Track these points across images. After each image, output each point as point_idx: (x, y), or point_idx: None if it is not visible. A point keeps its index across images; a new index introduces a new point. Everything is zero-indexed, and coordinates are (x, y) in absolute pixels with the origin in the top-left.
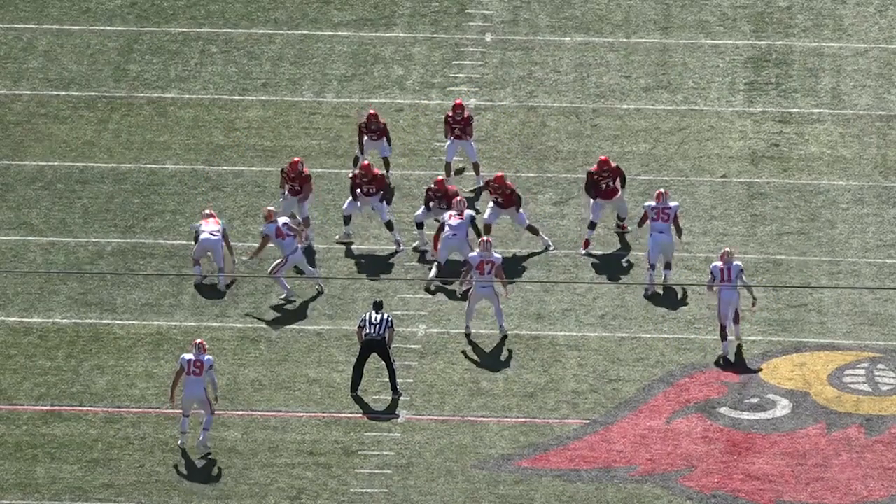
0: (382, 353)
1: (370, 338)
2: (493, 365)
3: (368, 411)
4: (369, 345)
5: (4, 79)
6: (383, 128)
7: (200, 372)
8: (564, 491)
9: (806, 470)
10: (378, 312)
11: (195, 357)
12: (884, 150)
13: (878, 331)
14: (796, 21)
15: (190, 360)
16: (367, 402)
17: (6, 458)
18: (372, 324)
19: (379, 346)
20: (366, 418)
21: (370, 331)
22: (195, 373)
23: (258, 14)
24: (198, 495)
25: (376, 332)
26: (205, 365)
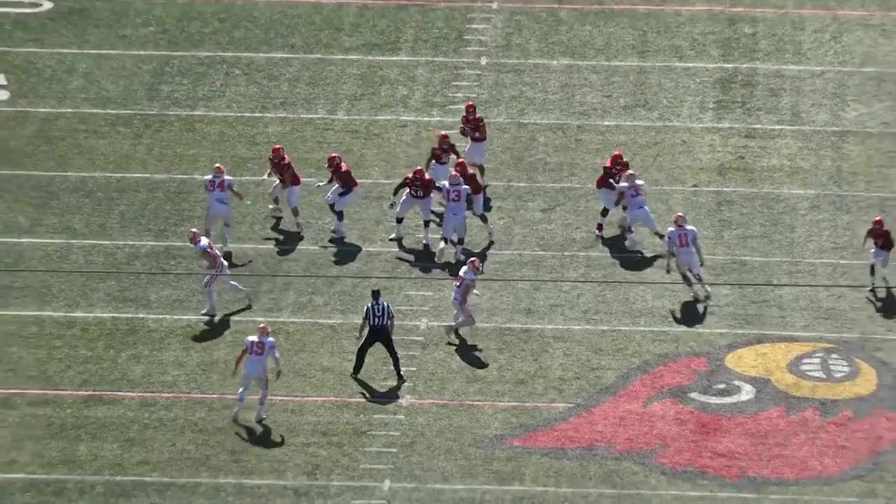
0: (386, 341)
1: (376, 326)
2: (488, 355)
3: (376, 396)
4: (375, 332)
5: (49, 98)
6: (452, 147)
7: (262, 352)
8: (552, 467)
9: (767, 448)
10: (377, 301)
11: (258, 339)
12: (838, 162)
13: (832, 324)
14: (760, 46)
15: (253, 341)
16: (374, 388)
17: (53, 437)
18: (376, 315)
19: (383, 334)
20: (374, 402)
21: (375, 322)
22: (256, 353)
23: (277, 40)
24: (223, 471)
25: (380, 322)
26: (266, 346)
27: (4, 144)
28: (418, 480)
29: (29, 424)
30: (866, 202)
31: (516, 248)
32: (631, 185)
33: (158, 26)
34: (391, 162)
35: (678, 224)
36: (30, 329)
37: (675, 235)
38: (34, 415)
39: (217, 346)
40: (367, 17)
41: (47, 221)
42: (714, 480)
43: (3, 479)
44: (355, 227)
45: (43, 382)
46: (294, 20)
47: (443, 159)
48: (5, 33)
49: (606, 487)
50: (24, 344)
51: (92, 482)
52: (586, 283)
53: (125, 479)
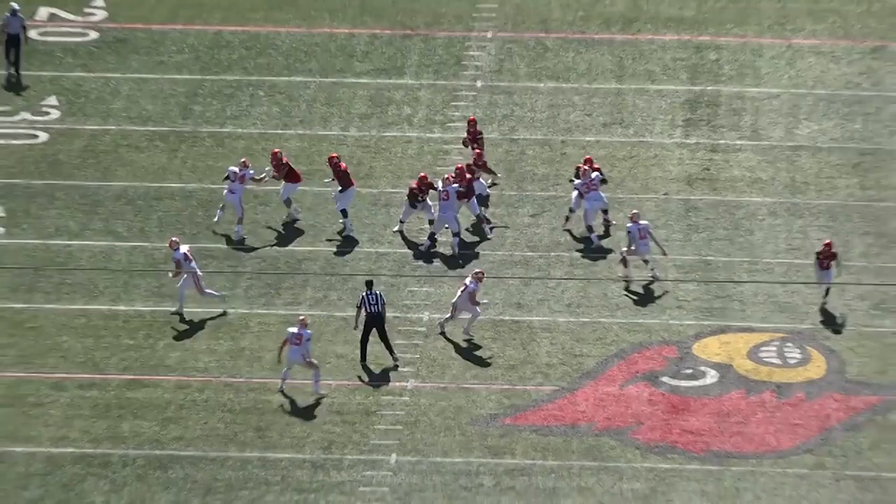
0: (380, 326)
1: (371, 313)
2: (483, 343)
3: (384, 380)
4: (371, 319)
5: (95, 117)
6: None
7: (300, 343)
8: (539, 442)
9: (729, 426)
10: (371, 290)
11: (297, 330)
12: (792, 173)
13: (787, 316)
14: (723, 71)
15: (293, 332)
16: (382, 373)
17: (99, 416)
18: (371, 303)
19: (378, 320)
20: (382, 386)
21: (370, 309)
22: (295, 343)
23: (296, 65)
24: (249, 446)
25: (375, 309)
26: (303, 337)
27: (56, 158)
28: (421, 454)
29: (78, 405)
30: (817, 209)
31: (508, 250)
32: (584, 181)
33: (192, 53)
34: (397, 173)
35: (634, 220)
36: (78, 321)
37: (635, 230)
38: (82, 396)
39: (243, 336)
40: (376, 46)
41: (94, 226)
42: (682, 454)
43: (56, 452)
44: (365, 231)
45: (90, 368)
46: (312, 48)
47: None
48: (56, 60)
49: (588, 460)
50: (74, 334)
51: (133, 455)
52: (570, 280)
53: (163, 453)
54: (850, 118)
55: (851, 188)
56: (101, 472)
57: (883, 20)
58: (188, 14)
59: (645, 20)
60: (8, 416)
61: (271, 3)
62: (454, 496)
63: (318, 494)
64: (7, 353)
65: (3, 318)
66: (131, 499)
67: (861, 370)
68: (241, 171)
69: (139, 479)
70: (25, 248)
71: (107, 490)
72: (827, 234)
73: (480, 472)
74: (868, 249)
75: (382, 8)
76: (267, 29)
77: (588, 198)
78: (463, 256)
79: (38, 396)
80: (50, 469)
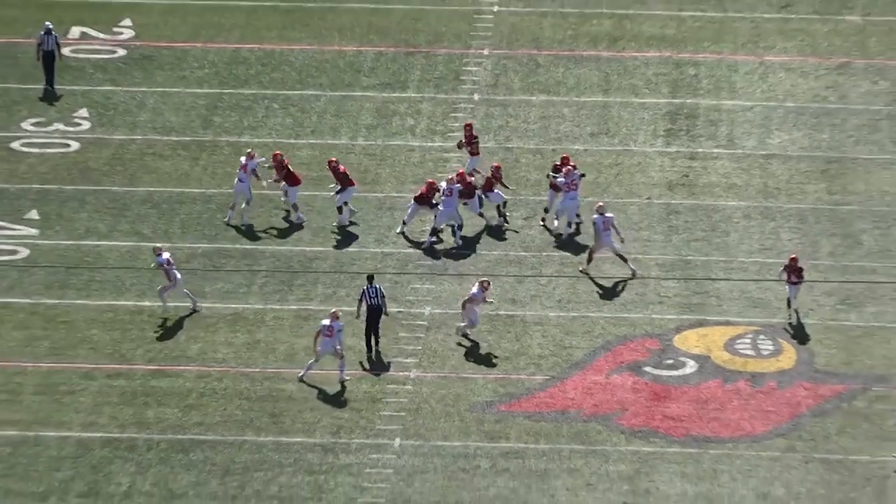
0: (377, 318)
1: (371, 306)
2: (480, 336)
3: (388, 370)
4: (372, 312)
5: (123, 128)
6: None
7: (331, 335)
8: (532, 427)
9: (707, 412)
10: (371, 284)
11: (330, 323)
12: (765, 179)
13: (760, 311)
14: (701, 85)
15: (325, 325)
16: (386, 363)
17: (126, 403)
18: (371, 297)
19: (377, 313)
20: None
21: (371, 302)
22: (327, 335)
23: (308, 80)
24: (264, 431)
25: (374, 302)
26: (335, 329)
27: (86, 165)
28: (423, 438)
29: (106, 393)
30: (787, 212)
31: (503, 250)
32: (567, 180)
33: (212, 69)
34: (401, 179)
35: (600, 213)
36: (107, 315)
37: (600, 222)
38: (110, 385)
39: (259, 329)
40: (382, 62)
41: (121, 228)
42: (664, 439)
43: (86, 437)
44: (371, 232)
45: (117, 359)
46: (322, 64)
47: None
48: (87, 75)
49: (576, 444)
50: (102, 327)
51: (158, 440)
52: (560, 278)
53: (184, 438)
54: (817, 129)
55: (819, 193)
56: (128, 455)
57: (847, 39)
58: (209, 33)
59: (629, 38)
60: (42, 403)
61: (285, 22)
62: (453, 477)
63: (327, 476)
64: (41, 345)
65: (38, 313)
66: (155, 480)
67: (828, 361)
68: (247, 162)
69: (162, 461)
70: (58, 249)
71: (132, 472)
72: (797, 236)
73: (478, 454)
74: (835, 249)
75: (387, 27)
76: (281, 47)
77: (567, 196)
78: (462, 256)
79: (69, 385)
80: (80, 452)
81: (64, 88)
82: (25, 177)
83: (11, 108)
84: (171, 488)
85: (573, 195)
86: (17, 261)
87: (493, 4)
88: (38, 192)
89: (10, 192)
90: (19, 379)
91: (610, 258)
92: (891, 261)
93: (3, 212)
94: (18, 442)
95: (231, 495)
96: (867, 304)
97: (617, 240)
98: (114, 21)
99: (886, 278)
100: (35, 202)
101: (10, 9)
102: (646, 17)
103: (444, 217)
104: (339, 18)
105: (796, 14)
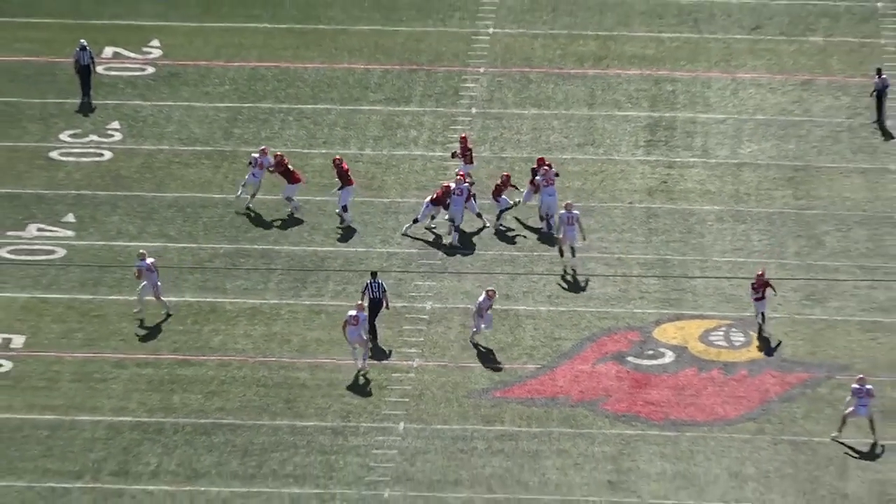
0: (377, 311)
1: (372, 299)
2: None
3: (393, 359)
4: (373, 304)
5: (151, 138)
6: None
7: (357, 324)
8: (524, 412)
9: (684, 398)
10: (375, 279)
11: (356, 313)
12: (736, 186)
13: (733, 306)
14: (678, 100)
15: (352, 315)
16: (391, 354)
17: (154, 390)
18: (374, 291)
19: (378, 306)
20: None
21: (373, 295)
22: (353, 324)
23: (320, 95)
24: (280, 415)
25: (376, 296)
26: (360, 319)
27: (118, 173)
28: (425, 422)
29: (136, 380)
30: (757, 215)
31: (498, 250)
32: (544, 176)
33: (232, 85)
34: (405, 185)
35: (567, 209)
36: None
37: (565, 217)
38: (139, 373)
39: (275, 323)
40: (388, 79)
41: (150, 230)
42: (645, 422)
43: (117, 421)
44: (378, 234)
45: (146, 349)
46: (333, 80)
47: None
48: (119, 91)
49: (565, 427)
50: (132, 321)
51: (183, 423)
52: (550, 276)
53: (207, 421)
54: (784, 139)
55: (786, 198)
56: (155, 437)
57: (811, 58)
58: (229, 52)
59: (612, 58)
60: (77, 389)
61: (299, 43)
62: (452, 458)
63: (338, 456)
64: (77, 337)
65: (74, 307)
66: (180, 460)
67: (794, 351)
68: (260, 159)
69: (187, 443)
70: (92, 249)
71: (160, 453)
72: (766, 237)
73: (475, 437)
74: (800, 250)
75: (392, 48)
76: (295, 65)
77: (545, 192)
78: (461, 255)
79: (102, 373)
80: (112, 435)
81: (97, 103)
82: (63, 183)
83: (50, 121)
84: (194, 468)
85: (551, 190)
86: (55, 260)
87: (489, 27)
88: (74, 198)
89: (48, 198)
90: (57, 367)
91: (596, 257)
92: (851, 260)
93: (43, 215)
94: (56, 425)
95: (250, 474)
96: (830, 300)
97: (579, 236)
98: (143, 42)
99: (847, 276)
100: (71, 207)
101: (48, 31)
102: (628, 38)
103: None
104: (349, 40)
105: (765, 35)
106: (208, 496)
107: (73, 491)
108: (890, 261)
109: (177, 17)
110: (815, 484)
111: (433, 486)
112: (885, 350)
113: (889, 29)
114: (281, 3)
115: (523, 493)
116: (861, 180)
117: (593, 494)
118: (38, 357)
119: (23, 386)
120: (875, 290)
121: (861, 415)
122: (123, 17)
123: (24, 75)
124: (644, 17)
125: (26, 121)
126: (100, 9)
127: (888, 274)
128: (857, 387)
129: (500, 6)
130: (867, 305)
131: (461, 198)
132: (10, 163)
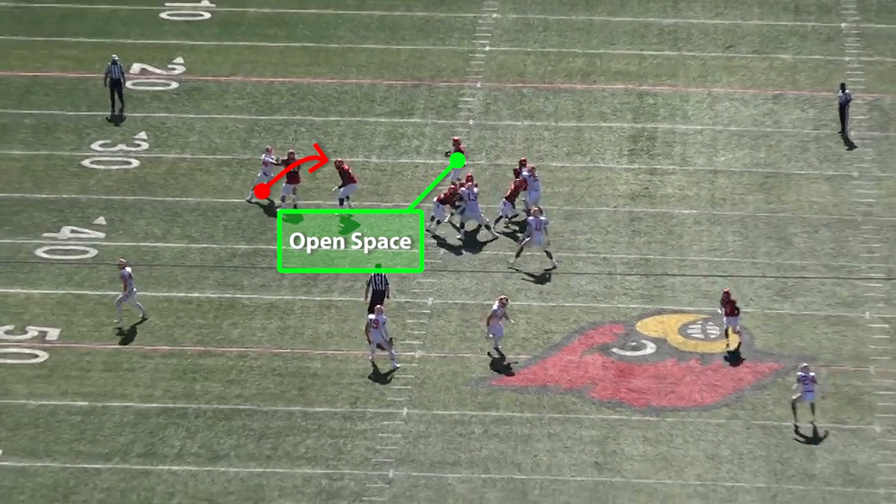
0: (380, 301)
1: (376, 290)
2: (474, 323)
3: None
4: (376, 295)
5: (175, 147)
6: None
7: (377, 326)
8: (518, 399)
9: (665, 386)
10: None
11: (375, 317)
12: (712, 191)
13: (709, 302)
14: (659, 112)
15: (371, 318)
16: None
17: (177, 378)
18: (377, 283)
19: (381, 296)
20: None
21: (376, 287)
22: (373, 327)
23: (330, 107)
24: (293, 402)
25: (379, 287)
26: (380, 321)
27: (145, 179)
28: (427, 408)
29: (161, 370)
30: (731, 218)
31: (493, 250)
32: (530, 174)
33: (249, 99)
34: (408, 191)
35: (535, 216)
36: (162, 305)
37: (533, 223)
38: (165, 363)
39: (289, 317)
40: (392, 92)
41: (174, 231)
42: (628, 408)
43: (144, 407)
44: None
45: (171, 341)
46: (342, 94)
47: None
48: (146, 104)
49: (555, 413)
50: (158, 315)
51: (204, 409)
52: (541, 273)
53: (226, 408)
54: (756, 149)
55: (758, 203)
56: (179, 422)
57: (781, 74)
58: (247, 69)
59: (599, 73)
60: (107, 378)
61: (311, 60)
62: (451, 441)
63: (346, 439)
64: (107, 330)
65: (104, 303)
66: (202, 443)
67: (766, 343)
68: (267, 157)
69: (208, 427)
70: (121, 249)
71: (183, 436)
72: (739, 238)
73: (472, 422)
74: (771, 250)
75: (396, 64)
76: (307, 80)
77: (532, 188)
78: (461, 254)
79: (130, 363)
80: (139, 420)
81: (126, 115)
82: (94, 189)
83: (82, 132)
84: (215, 450)
85: (537, 186)
86: (87, 259)
87: (485, 45)
88: (104, 202)
89: (81, 202)
90: (89, 358)
91: (583, 257)
92: (817, 259)
93: (76, 218)
94: (87, 411)
95: (266, 455)
96: (798, 296)
97: (545, 241)
98: (168, 59)
99: (814, 274)
100: (102, 210)
101: (79, 49)
102: (613, 56)
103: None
104: (357, 57)
105: (738, 53)
106: (228, 476)
107: (103, 472)
108: (853, 260)
109: (199, 37)
110: (785, 465)
111: (434, 466)
112: (849, 342)
113: (852, 47)
114: (295, 23)
115: (517, 474)
116: (827, 186)
117: (581, 474)
118: (71, 348)
119: (57, 375)
120: (840, 287)
121: (808, 400)
122: (150, 37)
123: (59, 90)
124: (628, 36)
125: (61, 132)
126: (128, 29)
127: (851, 272)
128: (803, 374)
129: (496, 26)
130: (832, 301)
131: (475, 202)
132: (46, 170)
